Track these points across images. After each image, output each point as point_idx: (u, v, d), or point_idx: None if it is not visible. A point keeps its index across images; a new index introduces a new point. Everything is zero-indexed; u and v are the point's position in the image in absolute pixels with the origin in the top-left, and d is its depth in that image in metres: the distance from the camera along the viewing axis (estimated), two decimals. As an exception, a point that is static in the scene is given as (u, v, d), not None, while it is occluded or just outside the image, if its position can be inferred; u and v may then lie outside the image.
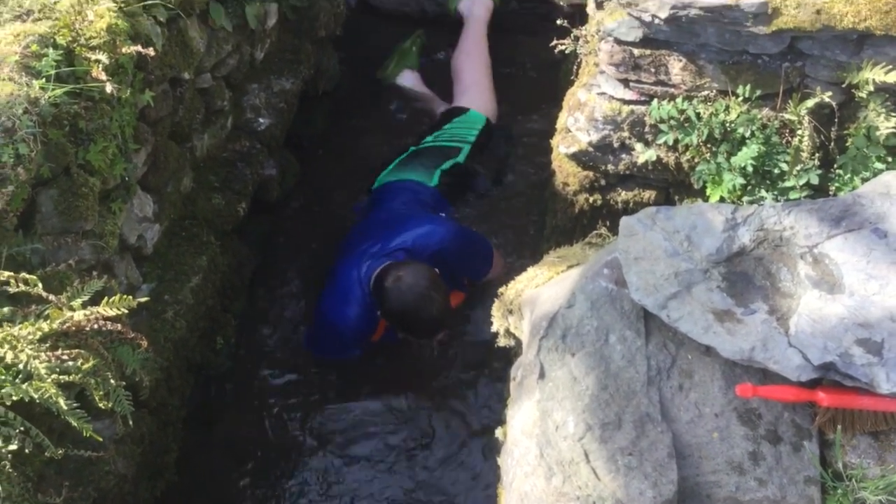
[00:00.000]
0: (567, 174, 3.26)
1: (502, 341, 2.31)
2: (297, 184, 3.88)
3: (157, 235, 2.94)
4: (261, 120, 3.57)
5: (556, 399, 1.74)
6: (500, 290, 2.30)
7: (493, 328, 2.32)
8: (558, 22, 3.20)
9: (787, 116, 2.80)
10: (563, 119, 3.22)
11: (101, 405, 1.89)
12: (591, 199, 3.25)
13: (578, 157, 3.16)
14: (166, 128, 2.92)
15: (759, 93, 2.79)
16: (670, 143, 2.93)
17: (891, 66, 2.58)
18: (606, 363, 1.78)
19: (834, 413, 1.77)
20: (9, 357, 1.66)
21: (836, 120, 2.75)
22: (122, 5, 2.41)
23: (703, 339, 1.72)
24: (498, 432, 2.06)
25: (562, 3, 4.32)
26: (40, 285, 1.73)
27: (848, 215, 1.90)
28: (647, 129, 2.99)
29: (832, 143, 2.79)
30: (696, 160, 2.95)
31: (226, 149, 3.44)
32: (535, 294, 2.04)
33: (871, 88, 2.63)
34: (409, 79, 4.35)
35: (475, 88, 4.13)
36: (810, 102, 2.74)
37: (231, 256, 3.29)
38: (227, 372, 3.31)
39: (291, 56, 3.80)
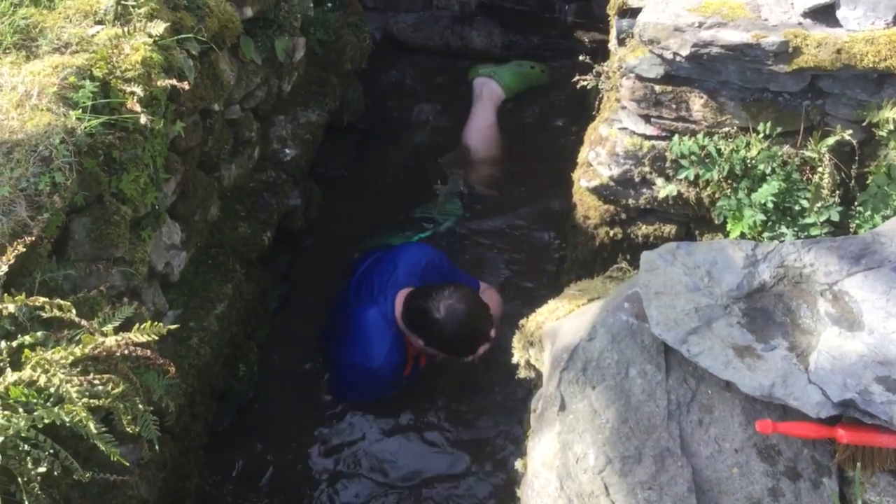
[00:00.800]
0: (588, 207, 3.29)
1: (523, 373, 2.33)
2: (320, 214, 3.93)
3: (184, 263, 2.98)
4: (287, 151, 3.64)
5: (577, 431, 1.76)
6: (521, 321, 2.33)
7: (514, 360, 2.34)
8: (580, 58, 3.26)
9: (807, 154, 2.82)
10: (585, 153, 3.26)
11: (128, 430, 1.92)
12: (611, 233, 3.28)
13: (599, 191, 3.19)
14: (195, 157, 2.98)
15: (779, 130, 2.82)
16: (691, 178, 2.96)
17: (911, 106, 2.61)
18: (627, 396, 1.80)
19: (853, 450, 1.78)
20: (42, 381, 1.70)
21: (856, 158, 2.77)
22: (157, 39, 2.48)
23: (723, 374, 1.74)
24: (518, 464, 2.08)
25: (584, 39, 4.40)
26: (74, 311, 1.78)
27: (867, 253, 1.92)
28: (667, 164, 3.02)
29: (853, 181, 2.81)
30: (716, 196, 2.97)
31: (252, 179, 3.51)
32: (556, 326, 2.07)
33: (892, 127, 2.66)
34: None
35: (482, 166, 4.16)
36: (831, 140, 2.76)
37: (255, 285, 3.34)
38: (249, 400, 3.34)
39: (318, 88, 3.87)
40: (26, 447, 1.81)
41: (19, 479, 1.82)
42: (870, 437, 1.74)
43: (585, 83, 3.22)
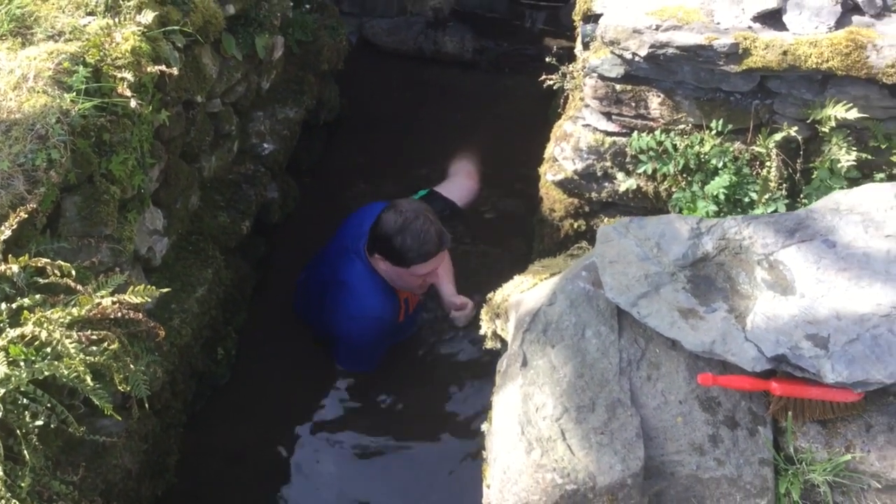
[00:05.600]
0: (554, 201, 3.46)
1: (489, 343, 2.48)
2: (297, 208, 4.06)
3: (166, 248, 3.10)
4: (265, 145, 3.77)
5: (537, 384, 1.93)
6: (489, 295, 2.48)
7: (482, 331, 2.49)
8: (547, 59, 3.44)
9: (756, 149, 3.00)
10: (551, 149, 3.42)
11: (120, 388, 2.05)
12: (575, 225, 3.44)
13: (564, 185, 3.36)
14: (178, 147, 3.11)
15: (731, 127, 3.00)
16: (649, 172, 3.13)
17: (851, 104, 2.80)
18: (583, 355, 1.96)
19: (786, 402, 1.95)
20: (43, 336, 1.83)
21: (801, 153, 2.96)
22: (146, 29, 2.61)
23: (668, 333, 1.91)
24: (484, 426, 2.23)
25: (552, 46, 4.57)
26: (73, 273, 1.91)
27: (801, 228, 2.10)
28: (627, 159, 3.19)
29: (798, 175, 2.99)
30: (672, 189, 3.14)
31: (231, 171, 3.64)
32: (521, 298, 2.23)
33: (833, 124, 2.84)
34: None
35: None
36: (778, 137, 2.95)
37: (234, 272, 3.46)
38: (227, 383, 3.45)
39: (295, 87, 4.02)
40: (25, 401, 1.93)
41: (18, 432, 1.94)
42: (800, 389, 1.91)
43: (552, 83, 3.40)
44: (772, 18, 2.89)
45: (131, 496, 2.77)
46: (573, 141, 3.27)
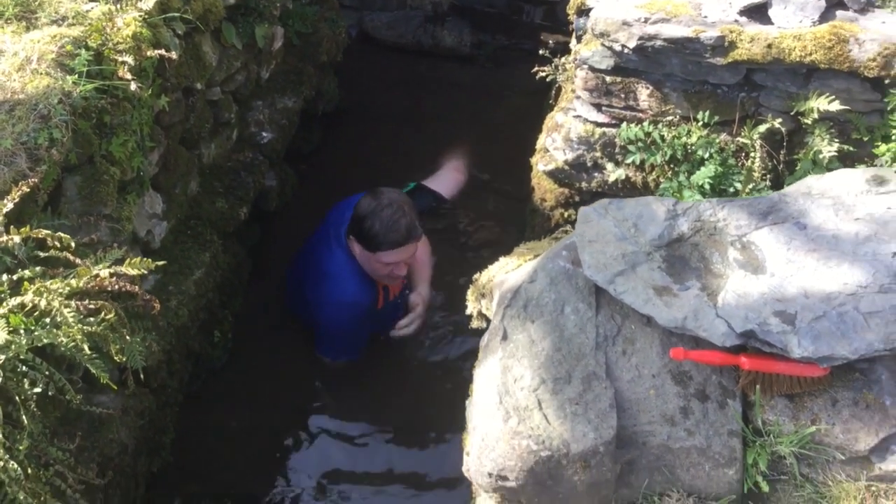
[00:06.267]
0: (545, 191, 3.53)
1: (475, 323, 2.56)
2: (294, 197, 4.13)
3: (164, 232, 3.17)
4: (264, 134, 3.84)
5: (516, 357, 2.00)
6: (475, 276, 2.56)
7: (468, 311, 2.57)
8: (540, 52, 3.52)
9: (742, 141, 3.08)
10: (543, 140, 3.50)
11: (116, 358, 2.12)
12: (566, 214, 3.51)
13: (555, 175, 3.43)
14: (178, 133, 3.18)
15: (717, 119, 3.08)
16: (637, 162, 3.20)
17: (833, 97, 2.86)
18: (561, 330, 2.04)
19: (755, 376, 2.02)
20: (42, 304, 1.91)
21: (785, 145, 3.03)
22: (147, 15, 2.69)
23: (643, 309, 1.99)
24: (468, 402, 2.30)
25: (548, 41, 4.64)
26: (73, 244, 1.98)
27: (774, 210, 2.18)
28: (617, 149, 3.27)
29: (782, 166, 3.06)
30: (660, 179, 3.22)
31: (230, 158, 3.71)
32: (505, 278, 2.30)
33: (816, 116, 2.91)
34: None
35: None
36: (763, 128, 3.02)
37: (231, 256, 3.53)
38: (223, 366, 3.52)
39: (295, 77, 4.09)
40: (24, 369, 2.00)
41: (17, 399, 2.01)
42: (769, 364, 1.98)
43: (544, 74, 3.48)
44: (758, 12, 2.96)
45: (127, 471, 2.84)
46: (564, 132, 3.34)
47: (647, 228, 2.13)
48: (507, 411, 1.91)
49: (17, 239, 1.96)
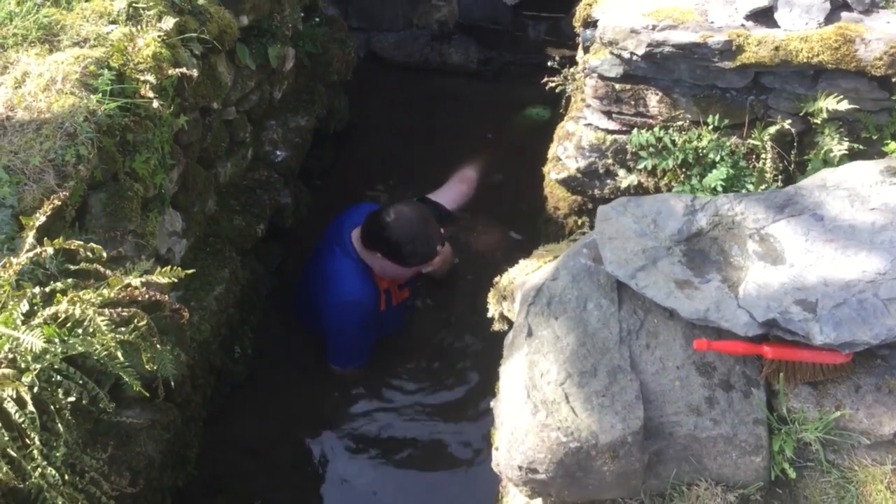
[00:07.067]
0: (558, 199, 3.57)
1: (497, 325, 2.59)
2: (309, 213, 4.18)
3: (184, 249, 3.22)
4: (278, 153, 3.91)
5: (542, 353, 2.03)
6: (495, 279, 2.59)
7: (489, 313, 2.60)
8: (549, 64, 3.57)
9: (752, 143, 3.12)
10: (554, 148, 3.54)
11: (147, 367, 2.16)
12: (579, 222, 3.55)
13: (568, 183, 3.48)
14: (195, 152, 3.24)
15: (727, 122, 3.12)
16: (649, 168, 3.24)
17: (842, 97, 2.91)
18: (585, 325, 2.07)
19: (778, 365, 2.05)
20: (76, 313, 1.95)
21: (795, 145, 3.07)
22: (165, 36, 2.75)
23: (665, 302, 2.02)
24: (492, 403, 2.33)
25: (554, 55, 4.70)
26: (104, 254, 2.03)
27: (790, 203, 2.21)
28: (628, 156, 3.31)
29: (793, 166, 3.10)
30: (672, 183, 3.25)
31: (246, 177, 3.77)
32: (526, 279, 2.34)
33: (826, 116, 2.95)
34: None
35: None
36: (773, 130, 3.06)
37: (249, 272, 3.58)
38: (244, 381, 3.56)
39: (306, 97, 4.16)
40: (58, 378, 2.04)
41: (52, 408, 2.05)
42: (791, 352, 2.01)
43: (554, 85, 3.53)
44: (763, 16, 3.01)
45: (154, 485, 2.87)
46: (575, 140, 3.38)
47: (666, 224, 2.17)
48: (535, 405, 1.94)
49: (49, 251, 2.00)
